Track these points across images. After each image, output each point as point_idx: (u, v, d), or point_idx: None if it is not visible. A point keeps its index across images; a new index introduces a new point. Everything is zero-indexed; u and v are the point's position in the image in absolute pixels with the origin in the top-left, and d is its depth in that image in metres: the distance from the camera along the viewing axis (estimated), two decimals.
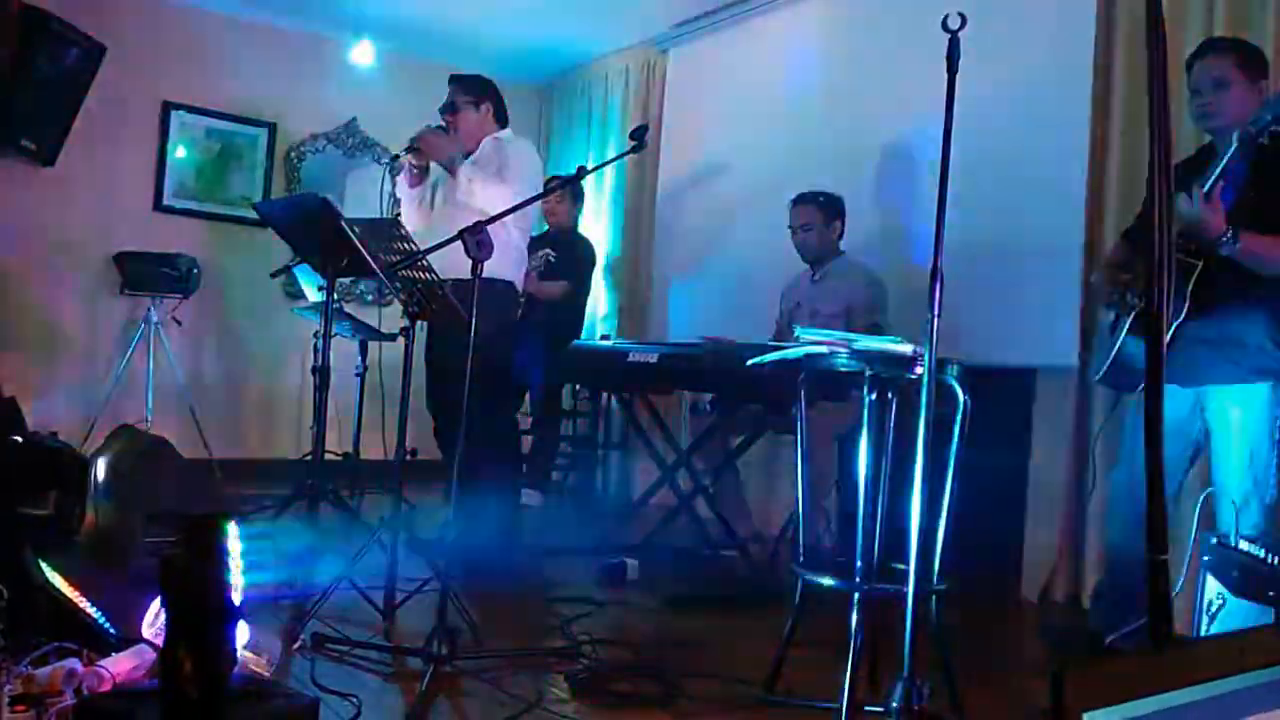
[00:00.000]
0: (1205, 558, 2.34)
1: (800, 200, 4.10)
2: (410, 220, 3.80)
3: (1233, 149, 2.45)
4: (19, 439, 3.25)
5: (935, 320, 2.16)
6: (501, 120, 3.98)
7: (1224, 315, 2.52)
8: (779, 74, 5.12)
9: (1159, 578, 1.14)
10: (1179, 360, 2.58)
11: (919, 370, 2.24)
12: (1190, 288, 2.51)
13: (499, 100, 3.99)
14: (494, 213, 3.45)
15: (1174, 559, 2.54)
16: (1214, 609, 2.25)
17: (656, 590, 3.51)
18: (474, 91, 3.92)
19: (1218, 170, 2.47)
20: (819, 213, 4.04)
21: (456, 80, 3.97)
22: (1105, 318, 2.90)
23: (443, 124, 3.84)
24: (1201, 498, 2.55)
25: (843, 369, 2.37)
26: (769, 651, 2.41)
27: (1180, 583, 2.72)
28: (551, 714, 2.22)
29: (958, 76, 2.17)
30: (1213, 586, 2.31)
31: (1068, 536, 3.64)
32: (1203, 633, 2.27)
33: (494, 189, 3.58)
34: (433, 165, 3.83)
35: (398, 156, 3.73)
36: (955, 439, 2.34)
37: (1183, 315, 2.49)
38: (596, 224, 6.26)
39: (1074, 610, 3.55)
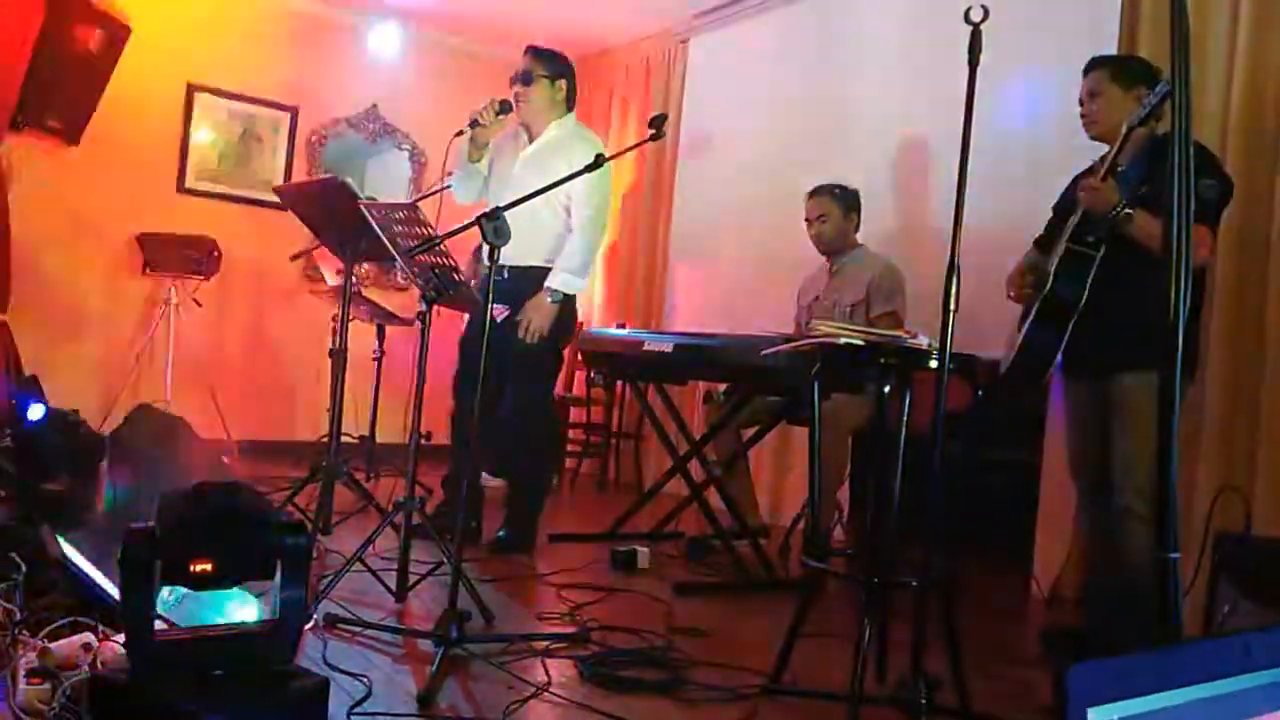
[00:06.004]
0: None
1: (816, 192, 4.08)
2: (461, 194, 3.86)
3: (1122, 138, 2.60)
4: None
5: (951, 315, 2.16)
6: (571, 103, 3.84)
7: (1124, 302, 2.50)
8: (799, 64, 5.10)
9: (1168, 576, 1.14)
10: (1083, 351, 2.65)
11: (933, 364, 2.24)
12: (1090, 278, 2.59)
13: (573, 81, 3.84)
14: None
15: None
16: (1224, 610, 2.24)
17: (666, 578, 3.52)
18: (552, 67, 3.77)
19: (1110, 159, 2.62)
20: (835, 204, 4.01)
21: (535, 52, 3.80)
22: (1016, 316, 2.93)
23: (510, 98, 3.72)
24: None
25: (856, 360, 2.36)
26: (777, 641, 2.42)
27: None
28: (559, 698, 2.24)
29: (980, 69, 2.16)
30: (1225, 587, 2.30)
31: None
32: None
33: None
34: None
35: (461, 133, 3.68)
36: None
37: (1082, 304, 2.58)
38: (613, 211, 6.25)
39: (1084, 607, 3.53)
